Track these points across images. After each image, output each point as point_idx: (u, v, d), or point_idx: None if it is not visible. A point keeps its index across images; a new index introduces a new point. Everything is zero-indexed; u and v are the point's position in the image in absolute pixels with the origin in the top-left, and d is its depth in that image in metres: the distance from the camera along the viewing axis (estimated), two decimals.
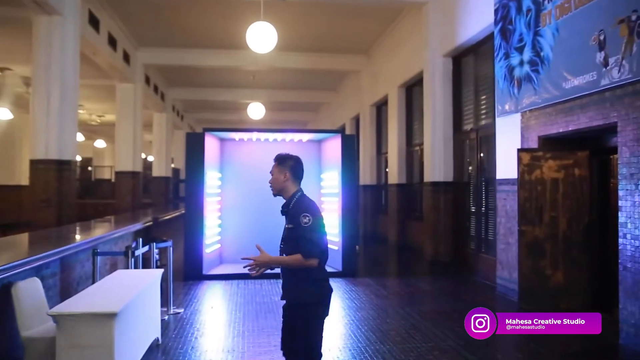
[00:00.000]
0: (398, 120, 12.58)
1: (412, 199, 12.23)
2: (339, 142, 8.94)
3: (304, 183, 3.42)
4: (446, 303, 6.85)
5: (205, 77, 17.95)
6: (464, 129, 9.50)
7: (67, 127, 8.81)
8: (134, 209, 14.15)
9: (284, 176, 3.27)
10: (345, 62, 15.35)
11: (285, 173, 3.27)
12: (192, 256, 8.31)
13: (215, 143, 9.18)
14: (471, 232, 9.07)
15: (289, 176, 3.28)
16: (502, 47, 7.24)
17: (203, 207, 8.33)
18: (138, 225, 7.70)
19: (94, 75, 14.41)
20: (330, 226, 9.15)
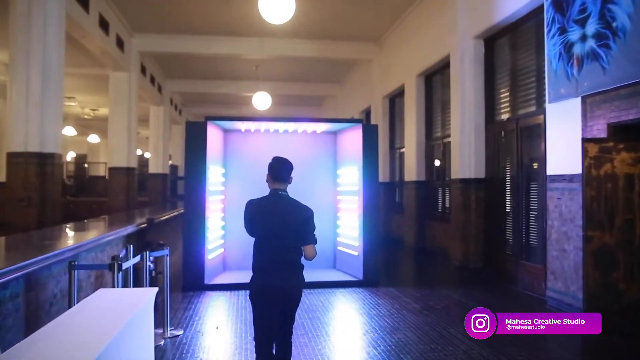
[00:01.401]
0: (417, 112, 11.53)
1: (432, 197, 11.19)
2: (357, 134, 7.88)
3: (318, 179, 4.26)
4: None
5: (205, 68, 16.89)
6: (499, 119, 8.44)
7: (50, 117, 7.76)
8: (129, 207, 13.09)
9: (266, 177, 3.72)
10: (355, 50, 14.30)
11: (267, 174, 3.72)
12: (192, 263, 7.25)
13: (218, 134, 8.12)
14: (507, 235, 8.02)
15: (268, 177, 3.70)
16: (555, 21, 6.19)
17: (205, 207, 7.27)
18: (130, 228, 6.64)
19: (85, 63, 13.36)
20: (347, 227, 8.11)
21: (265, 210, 3.56)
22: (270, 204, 3.57)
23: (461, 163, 8.76)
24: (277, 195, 3.60)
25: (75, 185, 25.13)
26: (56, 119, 7.93)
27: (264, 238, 3.53)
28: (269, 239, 3.51)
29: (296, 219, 3.50)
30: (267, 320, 3.52)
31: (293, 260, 3.50)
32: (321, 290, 7.24)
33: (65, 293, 4.42)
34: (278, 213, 3.52)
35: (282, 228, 3.48)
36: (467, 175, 8.69)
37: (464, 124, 8.75)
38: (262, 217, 3.54)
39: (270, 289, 3.46)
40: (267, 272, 3.48)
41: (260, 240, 3.56)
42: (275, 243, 3.49)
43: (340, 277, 7.97)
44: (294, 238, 3.49)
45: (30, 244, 4.85)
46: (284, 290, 3.47)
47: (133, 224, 6.92)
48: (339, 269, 8.54)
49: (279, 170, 3.66)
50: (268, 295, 3.48)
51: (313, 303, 6.60)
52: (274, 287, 3.45)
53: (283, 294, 3.48)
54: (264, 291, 3.49)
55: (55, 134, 7.84)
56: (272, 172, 3.66)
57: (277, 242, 3.48)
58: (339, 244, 8.54)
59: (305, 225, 3.50)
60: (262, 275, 3.49)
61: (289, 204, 3.59)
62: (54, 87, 7.91)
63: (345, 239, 8.30)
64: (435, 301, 6.75)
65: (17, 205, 7.44)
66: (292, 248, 3.50)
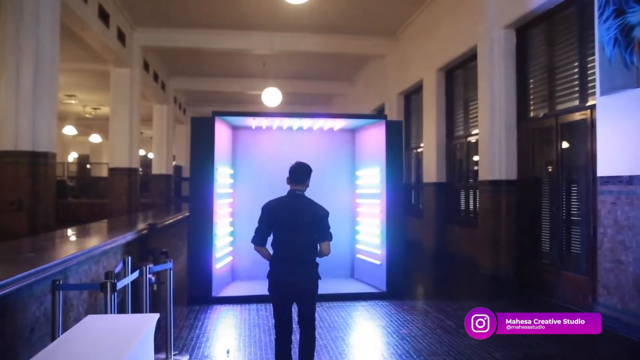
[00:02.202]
0: (437, 109, 10.81)
1: (453, 200, 10.47)
2: (379, 131, 7.18)
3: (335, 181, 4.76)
4: (543, 343, 5.06)
5: (210, 64, 16.22)
6: (533, 115, 7.72)
7: (43, 113, 7.09)
8: (131, 210, 12.42)
9: (287, 179, 3.90)
10: (368, 45, 13.59)
11: (287, 177, 3.90)
12: (199, 274, 6.56)
13: (226, 132, 7.43)
14: (544, 242, 7.30)
15: (288, 179, 3.90)
16: (610, 2, 5.47)
17: (213, 211, 6.58)
18: (129, 235, 5.95)
19: (84, 58, 12.69)
20: (368, 234, 7.41)
21: (282, 208, 3.79)
22: (287, 203, 3.82)
23: (490, 163, 8.04)
24: (294, 194, 3.84)
25: (77, 187, 24.52)
26: (50, 116, 7.26)
27: (281, 235, 3.76)
28: (284, 236, 3.74)
29: (312, 217, 3.73)
30: (283, 313, 3.74)
31: (307, 256, 3.71)
32: (341, 304, 6.54)
33: (50, 316, 3.73)
34: (294, 211, 3.76)
35: (297, 225, 3.71)
36: (497, 177, 7.97)
37: (494, 121, 8.03)
38: (279, 214, 3.77)
39: (285, 283, 3.69)
40: (282, 267, 3.70)
41: (277, 236, 3.78)
42: (290, 240, 3.70)
43: (361, 288, 7.27)
44: (309, 235, 3.72)
45: (10, 257, 4.16)
46: (297, 284, 3.68)
47: (133, 231, 6.24)
48: (358, 278, 7.84)
49: (297, 172, 3.87)
50: (283, 289, 3.70)
51: (334, 320, 5.90)
52: (288, 281, 3.68)
53: (297, 287, 3.69)
54: (279, 285, 3.71)
55: (49, 131, 7.17)
56: (291, 175, 3.88)
57: (292, 238, 3.70)
58: (358, 252, 7.84)
59: (320, 222, 3.74)
60: (278, 270, 3.72)
61: (305, 203, 3.82)
62: (48, 80, 7.24)
63: (365, 246, 7.59)
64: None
65: (6, 209, 6.77)
66: (306, 245, 3.71)
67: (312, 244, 3.73)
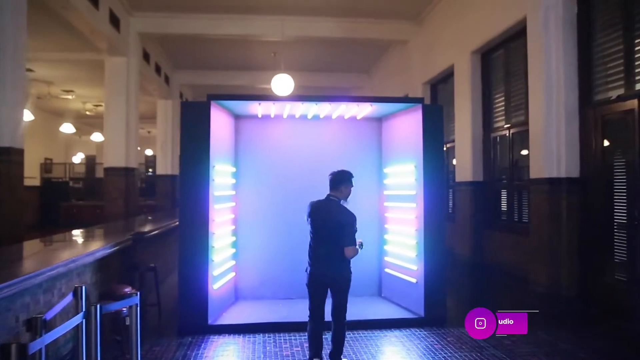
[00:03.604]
0: (471, 97, 9.41)
1: (493, 201, 9.04)
2: (414, 118, 5.83)
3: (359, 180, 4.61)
4: None
5: (217, 56, 14.96)
6: (599, 98, 6.31)
7: (3, 101, 5.84)
8: (128, 214, 11.19)
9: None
10: (389, 30, 12.21)
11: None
12: (192, 297, 5.25)
13: (227, 121, 6.14)
14: (619, 254, 5.90)
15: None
16: None
17: (208, 219, 5.28)
18: (101, 251, 4.68)
19: (77, 47, 11.47)
20: (400, 245, 6.07)
21: (317, 210, 4.25)
22: (322, 206, 4.26)
23: (546, 158, 6.65)
24: (329, 199, 4.28)
25: (84, 188, 23.45)
26: (13, 104, 6.01)
27: (314, 233, 4.24)
28: (316, 235, 4.22)
29: (338, 222, 4.11)
30: (317, 303, 4.20)
31: (335, 253, 4.10)
32: (368, 335, 5.21)
33: None
34: (324, 214, 4.20)
35: (326, 227, 4.16)
36: (555, 174, 6.58)
37: (550, 107, 6.63)
38: (315, 215, 4.24)
39: (318, 276, 4.17)
40: (315, 262, 4.19)
41: (312, 234, 4.26)
42: (320, 238, 4.19)
43: (392, 311, 5.92)
44: (336, 237, 4.09)
45: None
46: (328, 277, 4.16)
47: (107, 245, 4.96)
48: (386, 297, 6.50)
49: (332, 179, 4.31)
50: (316, 281, 4.18)
51: (361, 357, 4.58)
52: (320, 274, 4.17)
53: (328, 280, 4.17)
54: (313, 278, 4.19)
55: (11, 122, 5.92)
56: (329, 181, 4.31)
57: (322, 237, 4.17)
58: (386, 265, 6.49)
59: (343, 228, 4.08)
60: (312, 264, 4.21)
61: (335, 208, 4.21)
62: (11, 65, 5.99)
63: (396, 259, 6.24)
64: (540, 356, 4.65)
65: None
66: (334, 244, 4.10)
67: (340, 246, 4.07)
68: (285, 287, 6.36)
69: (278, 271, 6.40)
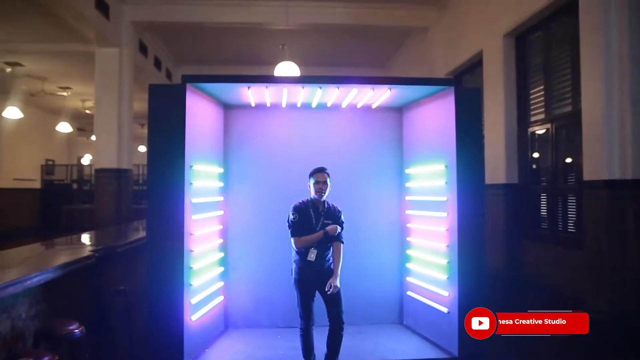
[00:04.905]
0: (504, 87, 8.16)
1: (531, 207, 7.77)
2: (443, 106, 4.65)
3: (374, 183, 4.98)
4: None
5: (223, 50, 13.89)
6: None
7: None
8: (120, 219, 10.17)
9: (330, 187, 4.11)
10: (408, 16, 11.02)
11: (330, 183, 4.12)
12: (162, 332, 4.12)
13: (213, 112, 5.02)
14: None
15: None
16: None
17: (183, 232, 4.16)
18: (38, 276, 3.58)
19: (61, 37, 10.41)
20: (426, 263, 4.90)
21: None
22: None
23: (605, 157, 5.40)
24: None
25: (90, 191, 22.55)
26: None
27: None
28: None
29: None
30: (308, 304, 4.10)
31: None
32: None
33: None
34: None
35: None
36: (618, 175, 5.34)
37: (610, 94, 5.39)
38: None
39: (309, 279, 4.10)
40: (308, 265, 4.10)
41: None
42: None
43: (417, 346, 4.74)
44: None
45: None
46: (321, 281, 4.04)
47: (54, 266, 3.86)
48: (409, 326, 5.32)
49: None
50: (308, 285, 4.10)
51: None
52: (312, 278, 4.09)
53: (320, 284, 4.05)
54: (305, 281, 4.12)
55: None
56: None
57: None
58: (409, 287, 5.31)
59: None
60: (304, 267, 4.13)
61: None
62: None
63: (421, 281, 5.05)
64: None
65: None
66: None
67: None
68: (285, 313, 5.22)
69: (276, 294, 5.25)
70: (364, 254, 5.34)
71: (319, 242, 4.00)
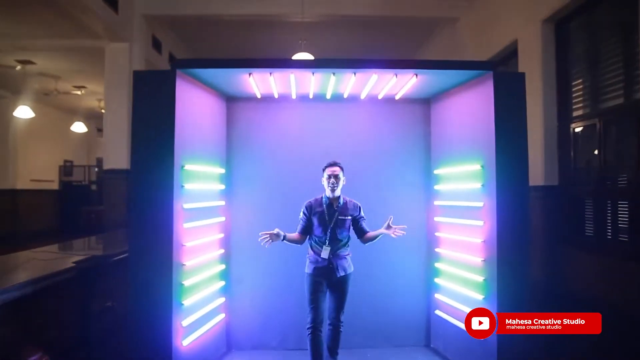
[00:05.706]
0: (543, 79, 7.36)
1: (575, 212, 6.96)
2: (478, 97, 3.95)
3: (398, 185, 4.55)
4: None
5: (240, 47, 13.33)
6: None
7: None
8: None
9: (343, 181, 3.88)
10: (436, 5, 10.33)
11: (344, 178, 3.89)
12: (146, 358, 3.52)
13: (213, 105, 4.41)
14: None
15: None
16: None
17: (172, 243, 3.55)
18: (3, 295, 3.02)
19: (70, 32, 9.97)
20: (458, 279, 4.21)
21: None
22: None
23: None
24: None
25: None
26: None
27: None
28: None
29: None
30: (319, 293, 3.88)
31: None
32: None
33: None
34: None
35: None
36: None
37: None
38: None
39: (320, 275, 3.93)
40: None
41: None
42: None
43: None
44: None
45: None
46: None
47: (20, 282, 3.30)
48: (437, 349, 4.62)
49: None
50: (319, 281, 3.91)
51: None
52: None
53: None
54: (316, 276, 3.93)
55: None
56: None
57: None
58: (438, 306, 4.61)
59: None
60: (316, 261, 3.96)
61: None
62: None
63: (452, 299, 4.34)
64: None
65: None
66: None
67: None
68: (297, 332, 4.57)
69: (287, 310, 4.62)
70: (387, 266, 4.68)
71: (331, 239, 3.80)
